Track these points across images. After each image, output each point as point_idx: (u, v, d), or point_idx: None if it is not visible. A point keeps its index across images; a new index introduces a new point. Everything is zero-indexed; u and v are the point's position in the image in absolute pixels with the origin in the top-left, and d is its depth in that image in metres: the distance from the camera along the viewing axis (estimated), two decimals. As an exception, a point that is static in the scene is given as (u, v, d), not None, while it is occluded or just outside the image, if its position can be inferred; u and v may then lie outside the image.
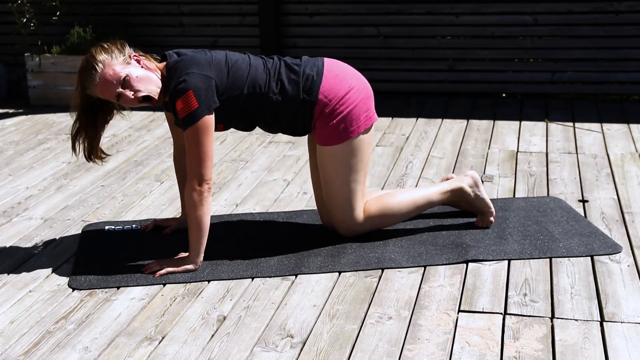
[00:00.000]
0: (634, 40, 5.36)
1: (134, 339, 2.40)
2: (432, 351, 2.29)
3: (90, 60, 2.85)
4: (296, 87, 2.90)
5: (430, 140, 4.50)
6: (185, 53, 2.93)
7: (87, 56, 2.88)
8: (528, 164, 4.03)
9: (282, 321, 2.48)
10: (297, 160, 4.16)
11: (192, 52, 2.93)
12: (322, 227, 3.20)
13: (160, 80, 2.89)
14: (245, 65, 2.92)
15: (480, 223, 3.17)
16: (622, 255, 2.90)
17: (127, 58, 2.89)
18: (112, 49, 2.88)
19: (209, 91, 2.80)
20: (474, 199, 3.14)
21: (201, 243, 2.84)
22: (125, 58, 2.88)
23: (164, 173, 4.01)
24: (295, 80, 2.91)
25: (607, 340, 2.33)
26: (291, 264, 2.86)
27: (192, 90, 2.77)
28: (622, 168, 3.93)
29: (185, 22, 5.92)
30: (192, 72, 2.80)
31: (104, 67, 2.82)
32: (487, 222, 3.16)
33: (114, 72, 2.82)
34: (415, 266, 2.83)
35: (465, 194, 3.14)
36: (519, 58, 5.56)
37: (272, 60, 2.97)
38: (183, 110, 2.77)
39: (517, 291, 2.64)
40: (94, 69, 2.83)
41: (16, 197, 3.69)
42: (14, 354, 2.32)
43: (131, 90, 2.83)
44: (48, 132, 4.86)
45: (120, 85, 2.83)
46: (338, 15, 5.69)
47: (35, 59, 5.51)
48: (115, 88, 2.83)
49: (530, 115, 5.01)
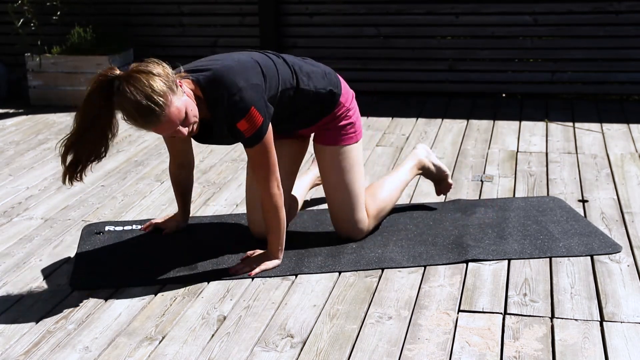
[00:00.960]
0: (634, 40, 5.36)
1: (134, 338, 2.40)
2: (432, 351, 2.29)
3: (152, 97, 2.38)
4: (323, 80, 2.89)
5: (430, 140, 4.50)
6: (209, 65, 2.63)
7: (144, 88, 2.38)
8: (528, 164, 4.03)
9: (282, 321, 2.48)
10: (297, 160, 4.16)
11: (218, 62, 2.66)
12: (322, 227, 3.20)
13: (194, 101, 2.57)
14: (270, 62, 2.75)
15: (441, 191, 3.36)
16: (622, 255, 2.90)
17: (175, 85, 2.48)
18: (167, 76, 2.45)
19: (263, 99, 2.60)
20: (432, 168, 3.32)
21: (283, 240, 2.85)
22: (174, 86, 2.47)
23: (164, 173, 4.01)
24: (319, 73, 2.89)
25: (607, 340, 2.33)
26: (291, 264, 2.86)
27: (253, 105, 2.55)
28: (622, 168, 3.93)
29: (185, 22, 5.92)
30: (242, 87, 2.55)
31: (168, 105, 2.42)
32: (447, 186, 3.36)
33: (178, 111, 2.45)
34: (415, 266, 2.83)
35: (425, 165, 3.30)
36: (519, 58, 5.56)
37: (278, 55, 2.88)
38: (249, 130, 2.56)
39: (517, 291, 2.64)
40: (158, 108, 2.39)
41: (16, 197, 3.69)
42: (14, 354, 2.32)
43: (187, 126, 2.52)
44: (48, 132, 4.86)
45: (180, 123, 2.50)
46: (338, 15, 5.69)
47: (36, 59, 5.51)
48: (175, 127, 2.49)
49: (530, 115, 5.01)
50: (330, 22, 5.70)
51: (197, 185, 3.80)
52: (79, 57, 5.49)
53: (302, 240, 3.08)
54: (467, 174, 3.90)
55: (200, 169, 4.05)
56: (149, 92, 2.39)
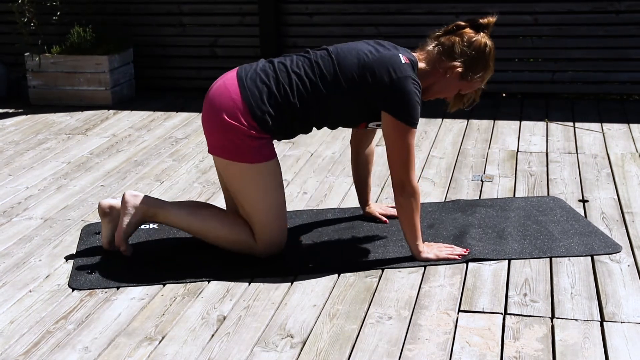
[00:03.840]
0: (634, 40, 5.35)
1: (134, 339, 2.40)
2: (432, 351, 2.29)
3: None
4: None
5: (430, 140, 4.50)
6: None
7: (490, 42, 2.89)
8: (528, 163, 4.03)
9: (282, 321, 2.48)
10: (297, 160, 4.16)
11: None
12: (322, 227, 3.20)
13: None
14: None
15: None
16: (622, 255, 2.90)
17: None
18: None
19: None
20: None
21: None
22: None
23: (164, 173, 4.01)
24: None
25: (607, 340, 2.33)
26: (291, 264, 2.86)
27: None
28: (622, 168, 3.93)
29: (185, 22, 5.91)
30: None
31: None
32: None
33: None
34: (415, 266, 2.83)
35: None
36: (519, 58, 5.56)
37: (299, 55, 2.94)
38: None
39: (517, 291, 2.64)
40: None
41: (16, 197, 3.69)
42: (14, 354, 2.32)
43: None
44: (48, 132, 4.86)
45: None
46: (338, 15, 5.68)
47: (35, 58, 5.51)
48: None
49: (530, 115, 5.01)
50: (330, 22, 5.70)
51: (197, 185, 3.80)
52: (78, 56, 5.49)
53: (302, 240, 3.08)
54: (467, 174, 3.90)
55: (200, 168, 4.04)
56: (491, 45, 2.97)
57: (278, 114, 2.79)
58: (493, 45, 2.90)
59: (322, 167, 4.03)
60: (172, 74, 6.01)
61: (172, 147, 4.46)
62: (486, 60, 2.89)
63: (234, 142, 2.78)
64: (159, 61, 6.00)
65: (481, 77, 2.93)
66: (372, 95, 2.78)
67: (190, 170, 4.03)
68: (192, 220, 2.92)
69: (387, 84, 2.76)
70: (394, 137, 2.80)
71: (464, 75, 2.88)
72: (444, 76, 2.89)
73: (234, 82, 2.83)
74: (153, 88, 5.96)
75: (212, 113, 2.82)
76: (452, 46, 2.86)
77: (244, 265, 2.85)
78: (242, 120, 2.76)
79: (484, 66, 2.90)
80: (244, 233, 2.89)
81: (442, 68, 2.88)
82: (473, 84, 2.94)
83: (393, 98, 2.76)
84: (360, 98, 2.80)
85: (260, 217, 2.85)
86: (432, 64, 2.90)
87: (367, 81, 2.77)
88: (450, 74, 2.88)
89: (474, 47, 2.86)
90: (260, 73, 2.83)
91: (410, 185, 2.81)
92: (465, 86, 2.94)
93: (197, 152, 4.36)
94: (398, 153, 2.80)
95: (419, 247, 2.86)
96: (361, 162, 3.22)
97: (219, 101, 2.81)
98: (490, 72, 2.94)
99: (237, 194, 2.87)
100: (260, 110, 2.76)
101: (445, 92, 2.98)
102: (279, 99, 2.78)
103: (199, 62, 5.93)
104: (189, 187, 3.77)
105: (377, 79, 2.76)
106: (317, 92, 2.80)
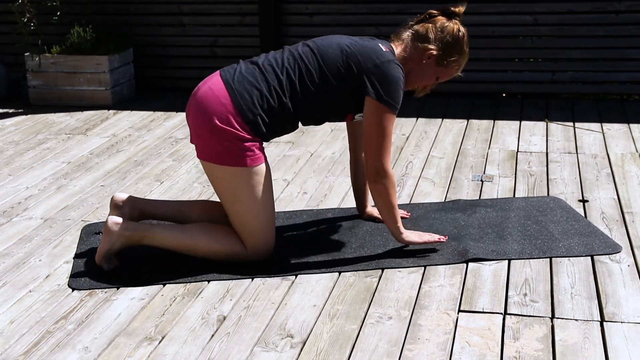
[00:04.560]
0: (634, 40, 5.35)
1: (134, 339, 2.40)
2: (432, 351, 2.29)
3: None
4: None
5: (430, 140, 4.50)
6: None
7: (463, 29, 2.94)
8: (528, 163, 4.03)
9: (282, 321, 2.48)
10: (297, 160, 4.16)
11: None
12: (322, 227, 3.20)
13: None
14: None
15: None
16: (622, 255, 2.90)
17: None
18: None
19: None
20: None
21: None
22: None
23: (164, 173, 4.01)
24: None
25: (607, 340, 2.33)
26: (291, 264, 2.86)
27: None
28: (622, 168, 3.93)
29: (185, 22, 5.91)
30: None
31: None
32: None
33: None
34: (415, 266, 2.83)
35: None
36: (519, 58, 5.56)
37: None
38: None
39: (517, 291, 2.64)
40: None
41: (16, 197, 3.69)
42: (14, 354, 2.32)
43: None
44: (48, 132, 4.86)
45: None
46: (338, 15, 5.68)
47: (35, 58, 5.51)
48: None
49: (530, 115, 5.01)
50: (330, 22, 5.70)
51: (197, 185, 3.80)
52: (78, 56, 5.49)
53: (302, 240, 3.08)
54: (467, 174, 3.90)
55: (200, 169, 4.04)
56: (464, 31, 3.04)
57: (270, 116, 2.78)
58: (466, 30, 2.95)
59: (322, 167, 4.03)
60: (172, 74, 6.01)
61: (172, 147, 4.46)
62: (460, 45, 2.93)
63: (225, 146, 2.75)
64: (159, 61, 6.00)
65: (457, 63, 2.96)
66: (358, 83, 2.81)
67: (190, 170, 4.03)
68: (180, 239, 2.85)
69: (371, 69, 2.80)
70: (373, 120, 2.82)
71: (440, 61, 2.92)
72: (420, 63, 2.92)
73: (221, 86, 2.80)
74: (153, 88, 5.96)
75: (202, 118, 2.79)
76: (426, 32, 2.91)
77: (244, 265, 2.85)
78: (235, 124, 2.74)
79: (459, 51, 2.94)
80: (236, 244, 2.84)
81: (417, 55, 2.91)
82: (450, 70, 2.97)
83: (377, 81, 2.80)
84: (346, 90, 2.83)
85: (251, 222, 2.81)
86: (408, 51, 2.93)
87: (353, 71, 2.81)
88: (426, 59, 2.91)
89: (448, 32, 2.91)
90: (247, 76, 2.81)
91: (384, 170, 2.84)
92: (443, 72, 2.97)
93: (197, 152, 4.35)
94: (375, 137, 2.82)
95: (400, 229, 2.90)
96: (360, 169, 3.20)
97: (208, 106, 2.77)
98: (465, 57, 2.98)
99: (227, 198, 2.83)
100: (252, 113, 2.75)
101: (424, 80, 2.98)
102: (271, 100, 2.78)
103: (199, 62, 5.93)
104: (189, 187, 3.77)
105: (362, 67, 2.80)
106: (306, 90, 2.81)
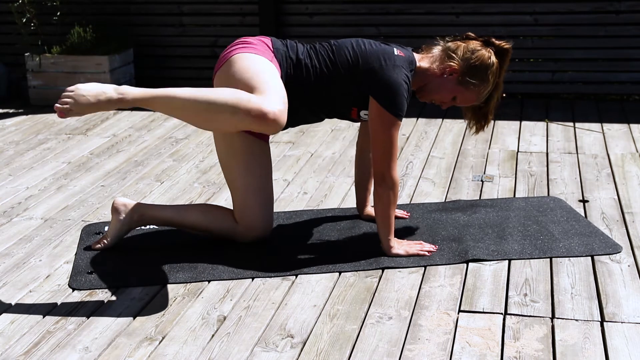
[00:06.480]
0: (634, 40, 5.36)
1: (134, 339, 2.39)
2: (433, 351, 2.29)
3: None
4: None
5: (430, 140, 4.50)
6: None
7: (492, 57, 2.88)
8: (528, 164, 4.03)
9: (282, 321, 2.48)
10: (297, 160, 4.16)
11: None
12: (322, 227, 3.20)
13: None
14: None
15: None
16: (623, 255, 2.90)
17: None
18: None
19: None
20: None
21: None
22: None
23: (164, 173, 4.00)
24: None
25: (608, 340, 2.33)
26: (291, 264, 2.86)
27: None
28: (622, 168, 3.93)
29: (185, 22, 5.92)
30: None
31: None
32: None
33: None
34: (416, 266, 2.83)
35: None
36: (519, 58, 5.56)
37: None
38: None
39: (518, 291, 2.64)
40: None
41: (16, 197, 3.69)
42: (14, 354, 2.32)
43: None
44: (48, 132, 4.86)
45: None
46: (338, 15, 5.69)
47: (35, 59, 5.51)
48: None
49: (531, 115, 5.01)
50: (330, 22, 5.70)
51: (197, 185, 3.80)
52: (78, 57, 5.49)
53: (302, 240, 3.08)
54: (467, 174, 3.90)
55: (200, 169, 4.04)
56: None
57: (296, 84, 2.87)
58: (498, 63, 2.87)
59: (322, 167, 4.03)
60: (172, 74, 6.01)
61: (172, 147, 4.46)
62: (485, 72, 2.86)
63: (247, 42, 2.92)
64: (159, 61, 6.00)
65: (477, 88, 2.88)
66: (362, 79, 2.83)
67: (191, 171, 4.03)
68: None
69: (376, 69, 2.81)
70: (377, 126, 2.83)
71: (461, 80, 2.87)
72: (440, 76, 2.90)
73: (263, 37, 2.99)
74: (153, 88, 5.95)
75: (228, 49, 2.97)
76: (456, 49, 2.88)
77: (244, 265, 2.85)
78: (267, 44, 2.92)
79: (482, 77, 2.86)
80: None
81: (440, 67, 2.89)
82: (468, 93, 2.90)
83: (380, 83, 2.80)
84: (350, 81, 2.86)
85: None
86: (432, 62, 2.92)
87: (359, 64, 2.84)
88: (447, 74, 2.88)
89: (477, 56, 2.86)
90: (289, 47, 2.94)
91: (390, 177, 2.84)
92: (460, 93, 2.91)
93: (197, 152, 4.36)
94: (381, 143, 2.83)
95: (390, 242, 2.90)
96: (364, 163, 3.22)
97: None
98: (488, 86, 2.89)
99: (246, 83, 2.75)
100: (281, 55, 2.89)
101: (440, 94, 2.95)
102: (291, 66, 2.88)
103: (199, 62, 5.94)
104: (189, 187, 3.77)
105: (368, 64, 2.83)
106: (315, 70, 2.88)
